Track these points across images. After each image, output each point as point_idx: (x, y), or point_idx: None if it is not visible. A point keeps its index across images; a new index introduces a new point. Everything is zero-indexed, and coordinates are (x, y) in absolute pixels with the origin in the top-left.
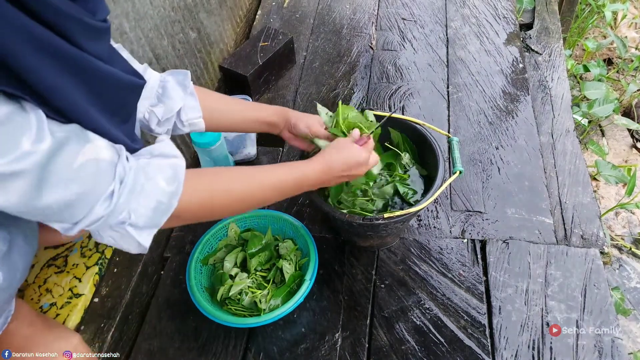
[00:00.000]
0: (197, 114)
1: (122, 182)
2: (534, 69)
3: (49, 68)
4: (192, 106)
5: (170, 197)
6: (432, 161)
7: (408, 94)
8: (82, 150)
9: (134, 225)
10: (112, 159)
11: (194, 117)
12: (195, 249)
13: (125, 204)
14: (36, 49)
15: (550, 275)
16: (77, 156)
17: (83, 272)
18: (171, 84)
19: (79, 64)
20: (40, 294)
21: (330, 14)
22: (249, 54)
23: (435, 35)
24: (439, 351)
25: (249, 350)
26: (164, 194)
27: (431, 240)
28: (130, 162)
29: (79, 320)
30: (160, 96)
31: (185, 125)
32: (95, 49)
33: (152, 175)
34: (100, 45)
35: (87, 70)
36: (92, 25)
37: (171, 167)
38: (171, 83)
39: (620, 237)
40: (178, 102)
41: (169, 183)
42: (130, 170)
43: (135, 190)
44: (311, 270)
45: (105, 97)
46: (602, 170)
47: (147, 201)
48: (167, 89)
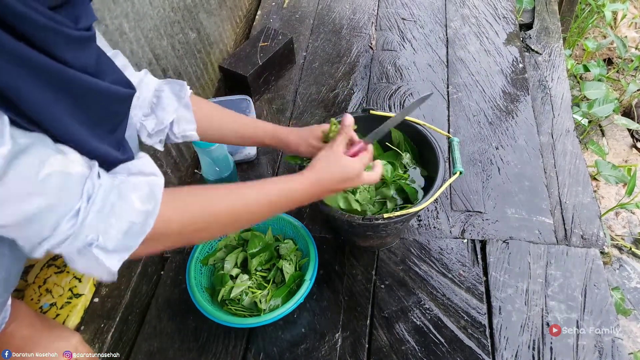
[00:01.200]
0: (191, 126)
1: (90, 199)
2: (534, 69)
3: (24, 81)
4: (187, 118)
5: (145, 217)
6: (432, 161)
7: (408, 94)
8: (49, 160)
9: (102, 247)
10: (82, 174)
11: (188, 129)
12: (195, 249)
13: (92, 224)
14: (11, 62)
15: (550, 275)
16: (42, 166)
17: None
18: (166, 94)
19: (58, 77)
20: (40, 294)
21: (330, 14)
22: (248, 54)
23: (435, 35)
24: (439, 351)
25: (249, 351)
26: (138, 214)
27: (431, 241)
28: (102, 179)
29: (79, 320)
30: (154, 106)
31: (178, 137)
32: (79, 59)
33: (125, 194)
34: (84, 54)
35: (66, 83)
36: (74, 36)
37: (148, 184)
38: (166, 93)
39: (620, 237)
40: (170, 114)
41: (144, 202)
42: (100, 187)
43: (104, 210)
44: (311, 270)
45: (88, 109)
46: (602, 170)
47: (118, 222)
48: (162, 98)
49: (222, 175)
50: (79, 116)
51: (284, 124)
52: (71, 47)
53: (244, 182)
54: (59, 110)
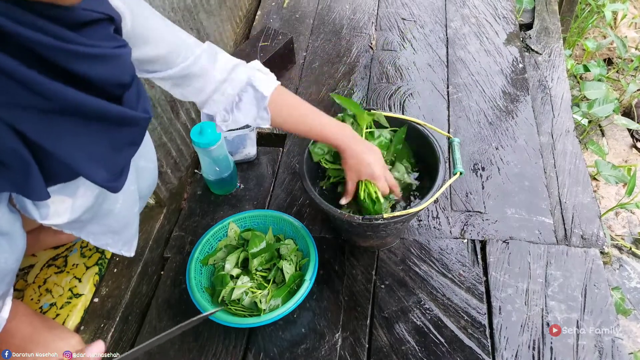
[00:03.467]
0: (265, 123)
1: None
2: (534, 69)
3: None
4: (262, 117)
5: None
6: (432, 161)
7: (408, 94)
8: None
9: None
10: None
11: (261, 123)
12: (195, 249)
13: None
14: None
15: (550, 275)
16: None
17: (83, 272)
18: (248, 98)
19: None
20: (40, 294)
21: (330, 14)
22: (248, 54)
23: (435, 35)
24: (439, 351)
25: (249, 350)
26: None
27: (431, 241)
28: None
29: (79, 320)
30: (235, 105)
31: (253, 129)
32: (98, 73)
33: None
34: (105, 68)
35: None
36: (87, 53)
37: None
38: (249, 97)
39: (620, 237)
40: (246, 118)
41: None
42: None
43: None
44: (311, 270)
45: (82, 130)
46: (602, 170)
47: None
48: (243, 101)
49: (222, 175)
50: (71, 136)
51: None
52: (87, 62)
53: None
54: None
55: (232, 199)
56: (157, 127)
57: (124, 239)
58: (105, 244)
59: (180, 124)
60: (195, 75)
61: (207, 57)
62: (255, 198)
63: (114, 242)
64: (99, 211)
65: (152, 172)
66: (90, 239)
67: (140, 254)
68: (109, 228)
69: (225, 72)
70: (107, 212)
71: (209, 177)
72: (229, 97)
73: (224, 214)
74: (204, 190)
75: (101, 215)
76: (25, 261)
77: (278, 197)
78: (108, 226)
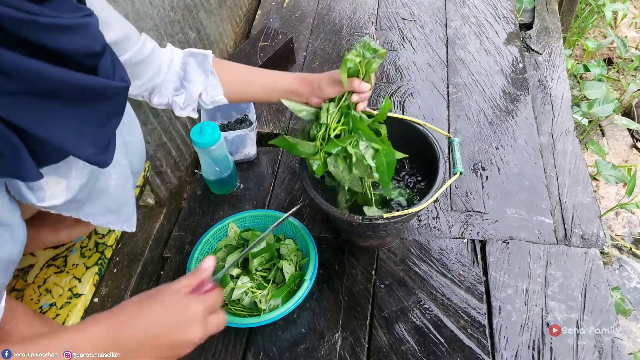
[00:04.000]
0: (218, 91)
1: None
2: (534, 69)
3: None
4: (213, 85)
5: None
6: (432, 161)
7: (408, 94)
8: None
9: None
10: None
11: (216, 94)
12: (195, 249)
13: None
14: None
15: (550, 276)
16: None
17: (83, 272)
18: (192, 67)
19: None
20: (39, 294)
21: (330, 14)
22: (248, 54)
23: (435, 35)
24: (438, 351)
25: (249, 350)
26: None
27: (431, 241)
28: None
29: (79, 320)
30: (183, 79)
31: (207, 103)
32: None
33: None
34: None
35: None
36: (55, 24)
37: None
38: (192, 66)
39: (620, 237)
40: (199, 86)
41: None
42: None
43: None
44: (311, 270)
45: (58, 102)
46: (602, 170)
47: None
48: (189, 72)
49: (222, 175)
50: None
51: (284, 124)
52: (56, 34)
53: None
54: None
55: (232, 199)
56: (157, 127)
57: (123, 217)
58: (107, 222)
59: (180, 124)
60: (148, 59)
61: (150, 40)
62: (255, 198)
63: (114, 220)
64: (93, 189)
65: (139, 146)
66: (90, 220)
67: (140, 254)
68: (107, 207)
69: (169, 51)
70: (103, 191)
71: (208, 177)
72: (175, 74)
73: (223, 214)
74: (203, 190)
75: (97, 193)
76: (24, 261)
77: (278, 197)
78: (105, 206)
